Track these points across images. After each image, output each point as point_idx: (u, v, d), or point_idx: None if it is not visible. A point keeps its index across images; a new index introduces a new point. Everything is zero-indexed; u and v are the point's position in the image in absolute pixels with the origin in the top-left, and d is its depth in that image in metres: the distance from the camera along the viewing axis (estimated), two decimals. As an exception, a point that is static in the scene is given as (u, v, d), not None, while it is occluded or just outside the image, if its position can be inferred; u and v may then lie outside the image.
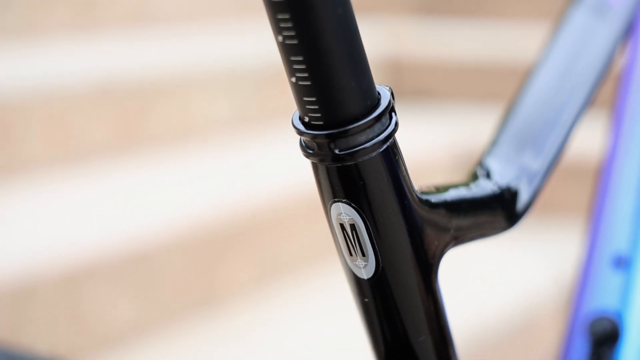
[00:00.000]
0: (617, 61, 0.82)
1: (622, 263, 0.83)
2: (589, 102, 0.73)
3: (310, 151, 0.51)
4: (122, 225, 1.96)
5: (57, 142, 2.30)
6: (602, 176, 0.88)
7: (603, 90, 0.85)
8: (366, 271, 0.53)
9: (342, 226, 0.52)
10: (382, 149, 0.50)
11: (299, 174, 2.26)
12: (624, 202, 0.85)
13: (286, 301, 2.09)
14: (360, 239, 0.52)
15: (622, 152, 0.88)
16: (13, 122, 2.23)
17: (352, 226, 0.51)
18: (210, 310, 2.00)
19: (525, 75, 0.74)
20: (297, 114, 0.51)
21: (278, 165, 2.42)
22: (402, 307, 0.54)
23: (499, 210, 0.61)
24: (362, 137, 0.50)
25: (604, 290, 0.82)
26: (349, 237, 0.52)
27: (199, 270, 2.01)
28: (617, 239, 0.84)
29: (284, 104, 2.76)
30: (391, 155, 0.51)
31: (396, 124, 0.51)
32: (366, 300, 0.54)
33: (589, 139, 1.97)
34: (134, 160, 2.40)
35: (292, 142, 2.28)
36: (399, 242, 0.52)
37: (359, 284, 0.54)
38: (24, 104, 2.27)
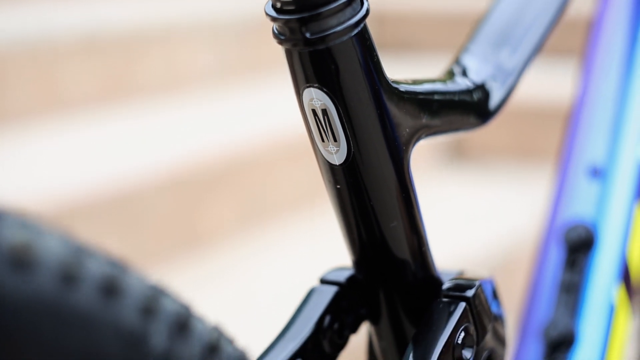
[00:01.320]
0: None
1: (597, 173, 0.84)
2: (564, 7, 0.74)
3: (283, 37, 0.51)
4: (109, 168, 1.97)
5: (44, 92, 2.31)
6: (580, 90, 0.89)
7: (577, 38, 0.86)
8: (338, 157, 0.53)
9: (314, 112, 0.52)
10: (353, 33, 0.51)
11: (281, 120, 2.27)
12: (600, 114, 0.86)
13: (268, 242, 2.10)
14: (332, 123, 0.52)
15: (598, 70, 0.89)
16: (1, 72, 2.24)
17: (324, 111, 0.52)
18: (195, 250, 2.01)
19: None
20: (270, 2, 0.52)
21: (261, 112, 2.43)
22: (374, 193, 0.54)
23: (472, 106, 0.62)
24: (334, 21, 0.50)
25: (580, 200, 0.83)
26: (320, 122, 0.53)
27: (184, 211, 2.02)
28: (593, 149, 0.85)
29: (265, 55, 2.76)
30: (362, 41, 0.52)
31: (367, 10, 0.52)
32: (338, 187, 0.55)
33: (569, 86, 1.98)
34: (120, 108, 2.41)
35: (273, 90, 2.30)
36: (370, 126, 0.53)
37: (331, 170, 0.54)
38: (11, 55, 2.27)
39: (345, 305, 0.61)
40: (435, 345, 0.56)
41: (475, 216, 2.30)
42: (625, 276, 0.82)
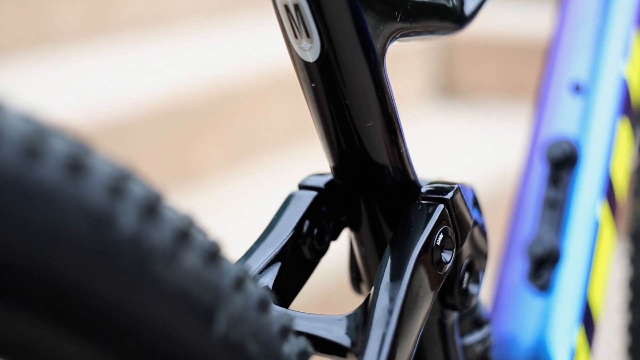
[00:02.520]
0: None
1: (579, 90, 0.83)
2: None
3: None
4: (95, 102, 1.96)
5: (31, 26, 2.30)
6: (562, 8, 0.88)
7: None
8: (312, 54, 0.53)
9: (286, 7, 0.52)
10: None
11: (270, 56, 2.26)
12: (582, 31, 0.85)
13: (257, 177, 2.10)
14: (304, 19, 0.52)
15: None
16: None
17: (296, 6, 0.51)
18: (184, 185, 2.01)
19: None
20: None
21: (249, 48, 2.42)
22: (348, 91, 0.54)
23: (447, 10, 0.61)
24: None
25: (562, 117, 0.83)
26: (293, 18, 0.52)
27: (172, 146, 2.01)
28: (575, 66, 0.84)
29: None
30: None
31: None
32: (313, 85, 0.54)
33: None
34: (105, 43, 2.41)
35: (262, 26, 2.28)
36: (342, 21, 0.52)
37: (306, 68, 0.54)
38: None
39: (325, 211, 0.60)
40: (414, 247, 0.56)
41: (466, 152, 2.30)
42: (610, 193, 0.82)
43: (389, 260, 0.55)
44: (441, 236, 0.57)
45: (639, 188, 1.04)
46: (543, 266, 0.80)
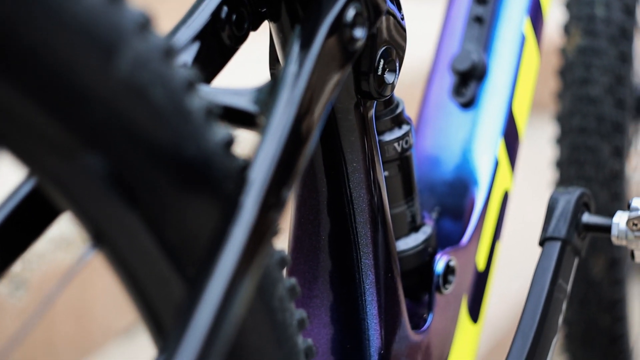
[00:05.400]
0: None
1: None
2: None
3: None
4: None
5: None
6: None
7: None
8: None
9: None
10: None
11: None
12: None
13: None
14: None
15: None
16: None
17: None
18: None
19: None
20: None
21: None
22: None
23: None
24: None
25: None
26: None
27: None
28: None
29: None
30: None
31: None
32: None
33: None
34: None
35: None
36: None
37: None
38: None
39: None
40: (324, 20, 0.56)
41: (422, 35, 2.29)
42: (535, 7, 0.82)
43: (300, 34, 0.56)
44: (352, 12, 0.57)
45: (569, 24, 1.05)
46: (468, 81, 0.81)
